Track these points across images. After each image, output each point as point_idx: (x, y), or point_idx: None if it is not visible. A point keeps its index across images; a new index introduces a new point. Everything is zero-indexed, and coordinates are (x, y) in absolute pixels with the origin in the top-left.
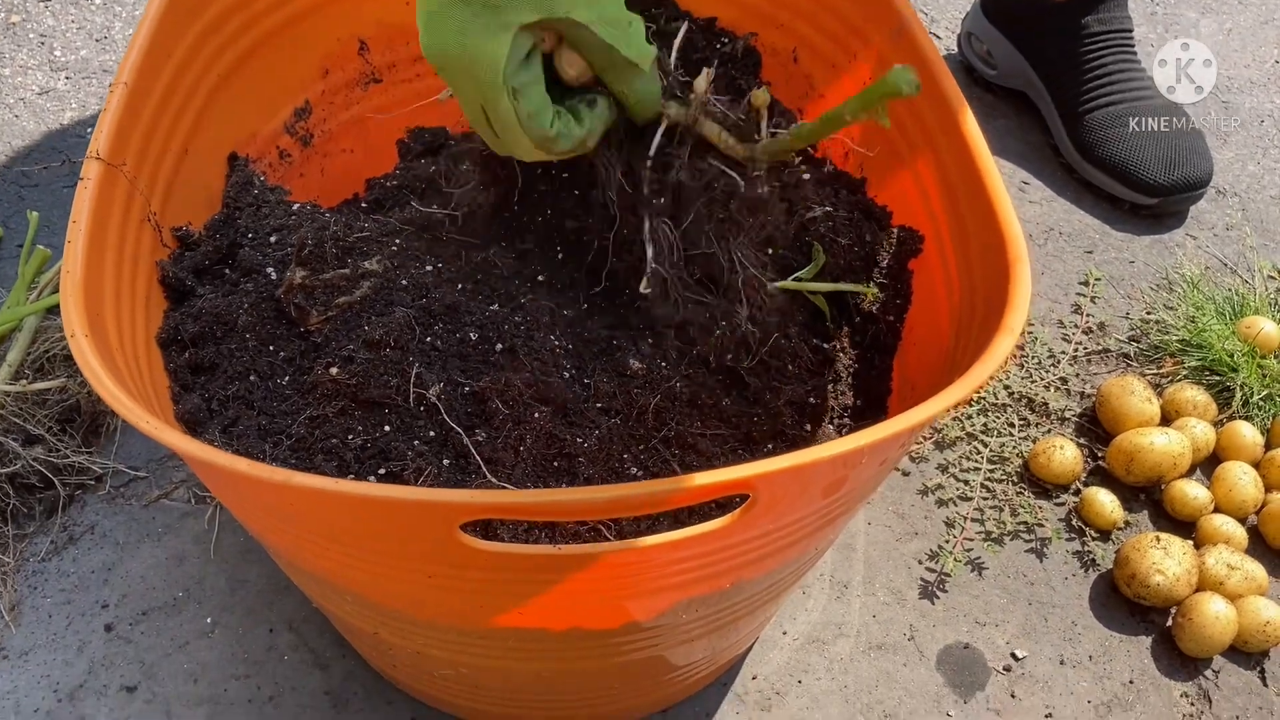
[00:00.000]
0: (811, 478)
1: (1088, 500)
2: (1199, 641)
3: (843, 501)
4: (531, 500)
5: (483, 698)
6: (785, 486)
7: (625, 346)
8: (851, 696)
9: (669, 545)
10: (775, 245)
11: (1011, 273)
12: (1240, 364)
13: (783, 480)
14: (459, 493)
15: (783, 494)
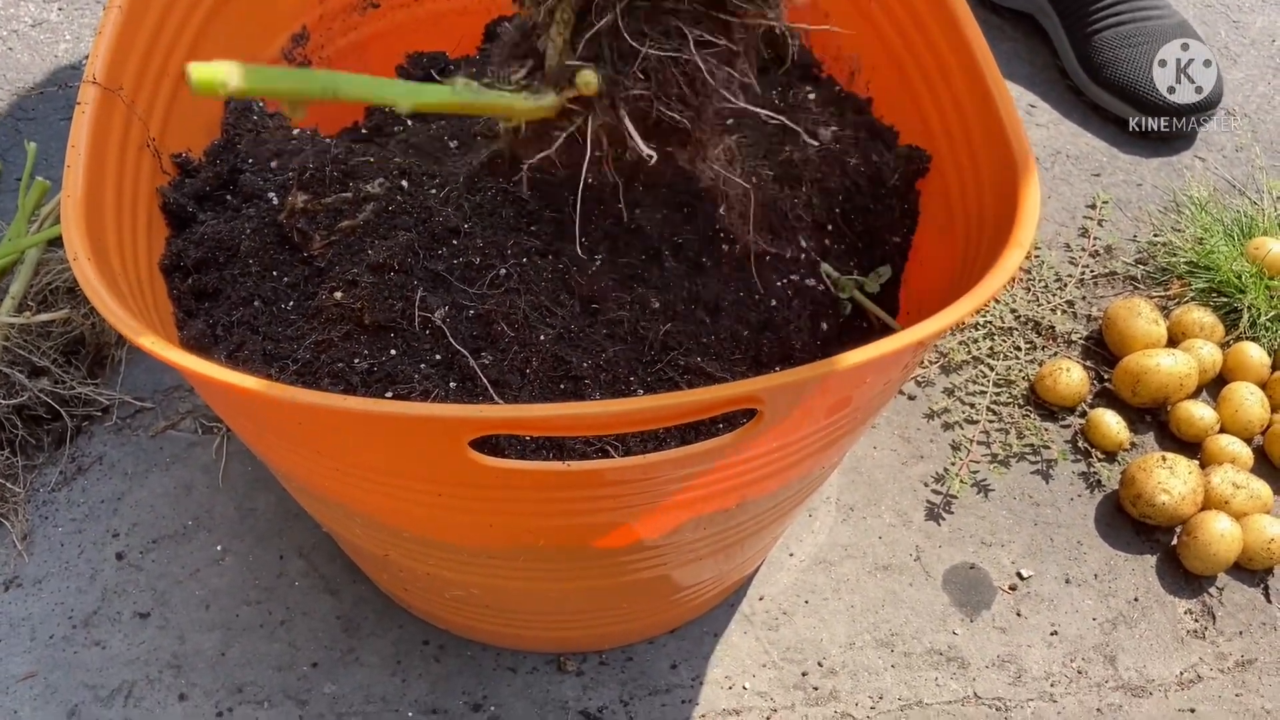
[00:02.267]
0: (818, 392)
1: (1094, 422)
2: (1203, 559)
3: (848, 420)
4: (539, 415)
5: (494, 618)
6: (791, 402)
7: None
8: (858, 616)
9: (675, 461)
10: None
11: (1020, 187)
12: (1248, 285)
13: (789, 394)
14: (466, 408)
15: (788, 410)
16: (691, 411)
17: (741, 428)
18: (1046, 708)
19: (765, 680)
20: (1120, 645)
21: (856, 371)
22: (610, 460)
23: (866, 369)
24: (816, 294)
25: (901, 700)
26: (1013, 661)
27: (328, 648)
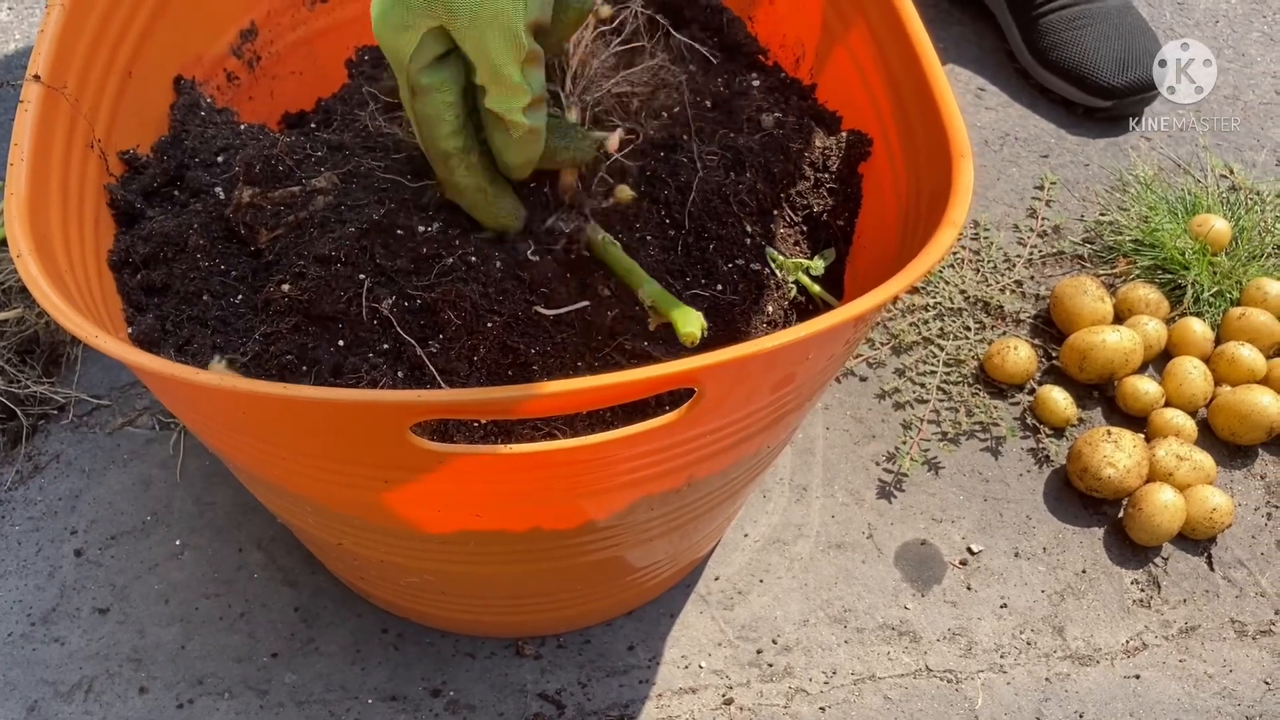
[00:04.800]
0: (756, 370)
1: (1042, 399)
2: (1148, 530)
3: (793, 396)
4: (476, 398)
5: (451, 604)
6: (731, 380)
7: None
8: (812, 593)
9: (619, 442)
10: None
11: (954, 167)
12: (1191, 261)
13: (728, 373)
14: (406, 393)
15: (729, 388)
16: (629, 392)
17: (682, 407)
18: (996, 678)
19: (721, 659)
20: (1068, 616)
21: (793, 348)
22: (551, 442)
23: (803, 345)
24: (763, 278)
25: (855, 674)
26: (963, 634)
27: (287, 638)
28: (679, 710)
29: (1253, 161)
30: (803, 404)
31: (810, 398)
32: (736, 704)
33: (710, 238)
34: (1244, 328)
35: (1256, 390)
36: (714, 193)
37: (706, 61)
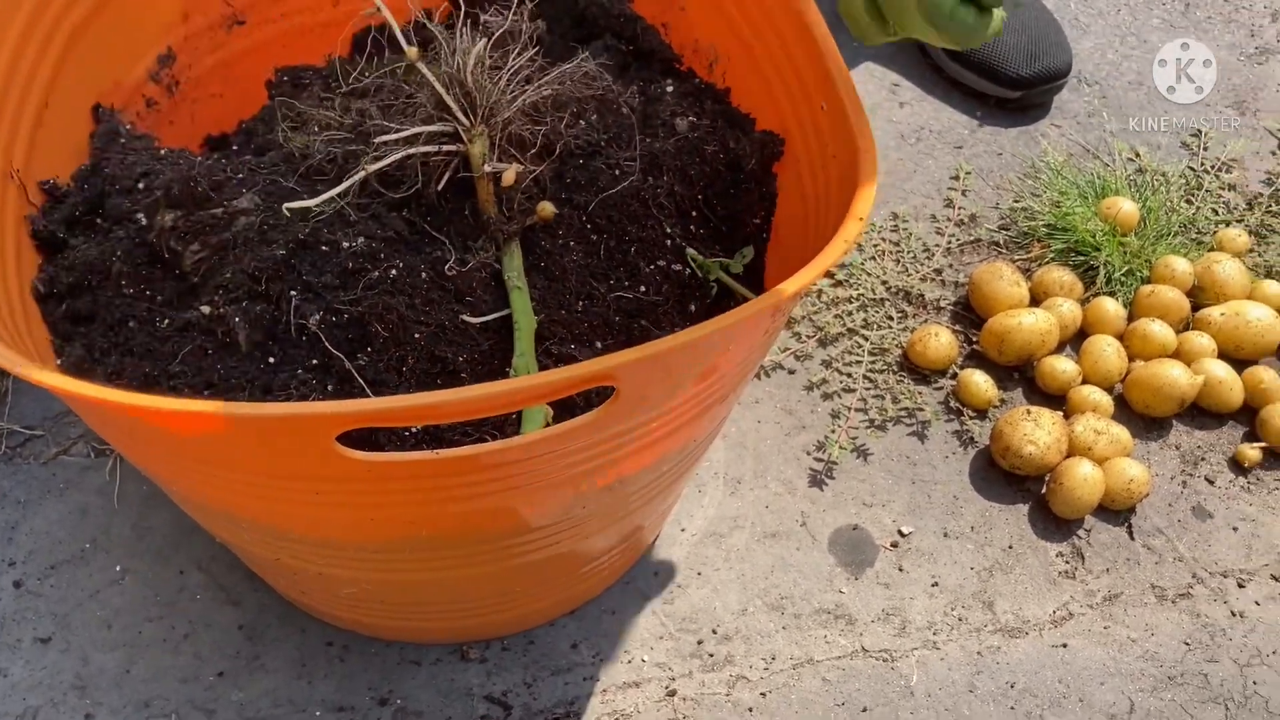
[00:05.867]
0: (674, 364)
1: (963, 382)
2: (1070, 503)
3: (718, 388)
4: (398, 405)
5: (392, 613)
6: (647, 375)
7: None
8: (749, 583)
9: (546, 441)
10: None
11: (859, 163)
12: (1102, 243)
13: (643, 369)
14: (328, 405)
15: (647, 383)
16: (547, 392)
17: (602, 405)
18: (930, 655)
19: (663, 651)
20: (997, 590)
21: (706, 342)
22: (478, 445)
23: (715, 339)
24: (684, 278)
25: (793, 659)
26: (897, 614)
27: (232, 657)
28: (623, 704)
29: (1157, 144)
30: (728, 395)
31: (735, 388)
32: (679, 695)
33: (631, 241)
34: (1154, 304)
35: (1168, 364)
36: (633, 197)
37: (622, 70)
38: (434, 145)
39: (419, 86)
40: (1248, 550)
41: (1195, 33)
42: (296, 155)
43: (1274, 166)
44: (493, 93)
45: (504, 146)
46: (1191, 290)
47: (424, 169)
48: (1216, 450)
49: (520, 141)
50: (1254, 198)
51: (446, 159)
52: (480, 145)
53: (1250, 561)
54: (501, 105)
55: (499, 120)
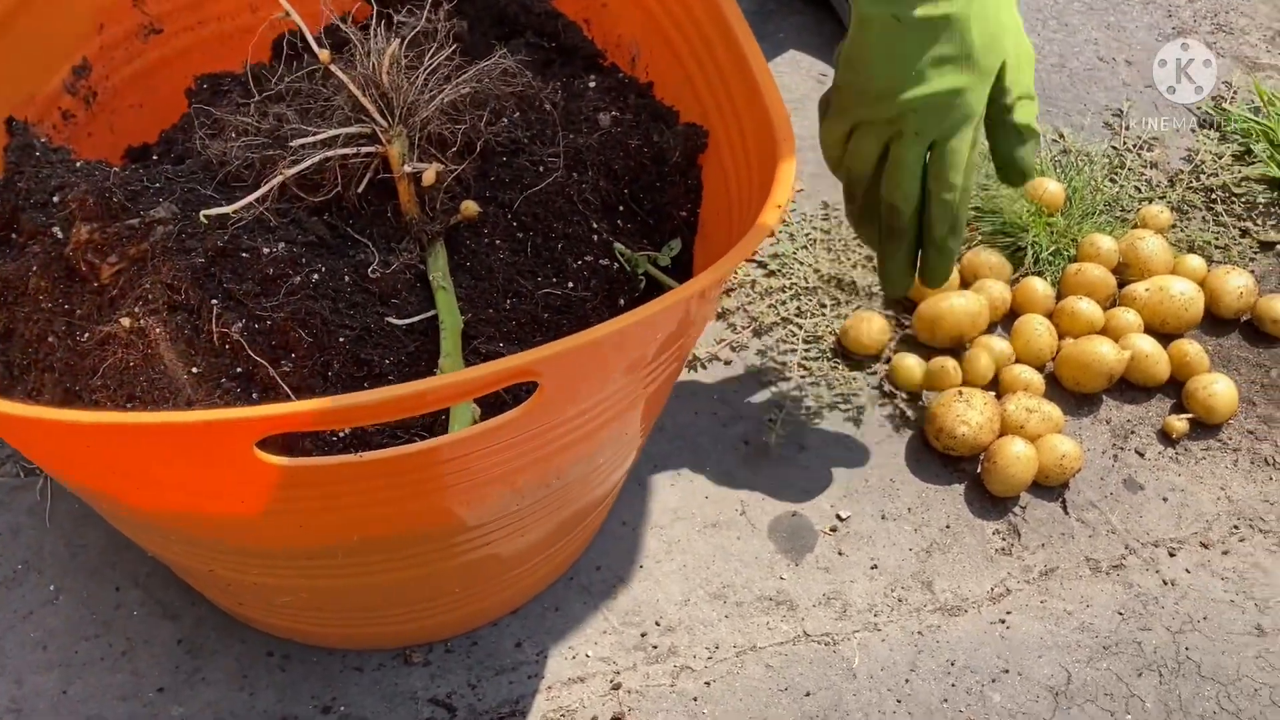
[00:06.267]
0: (594, 357)
1: (897, 366)
2: (1004, 481)
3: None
4: (312, 408)
5: (331, 620)
6: (571, 368)
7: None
8: (691, 573)
9: (466, 441)
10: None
11: (778, 153)
12: (1030, 224)
13: (565, 363)
14: (244, 410)
15: (572, 377)
16: (466, 390)
17: (526, 400)
18: (871, 637)
19: (607, 645)
20: (936, 570)
21: (627, 333)
22: (401, 447)
23: (636, 330)
24: (612, 273)
25: (736, 647)
26: (838, 598)
27: (172, 671)
28: (569, 700)
29: (1080, 125)
30: (661, 385)
31: (668, 379)
32: (624, 688)
33: (558, 237)
34: (1081, 282)
35: (1096, 340)
36: (558, 193)
37: (545, 67)
38: (352, 148)
39: (336, 90)
40: (1177, 519)
41: (1114, 14)
42: (214, 163)
43: (1194, 144)
44: (409, 92)
45: (424, 146)
46: (1117, 267)
47: (344, 172)
48: (1146, 423)
49: (441, 141)
50: (1175, 175)
51: (366, 161)
52: (399, 145)
53: (1180, 530)
54: (419, 105)
55: (417, 120)
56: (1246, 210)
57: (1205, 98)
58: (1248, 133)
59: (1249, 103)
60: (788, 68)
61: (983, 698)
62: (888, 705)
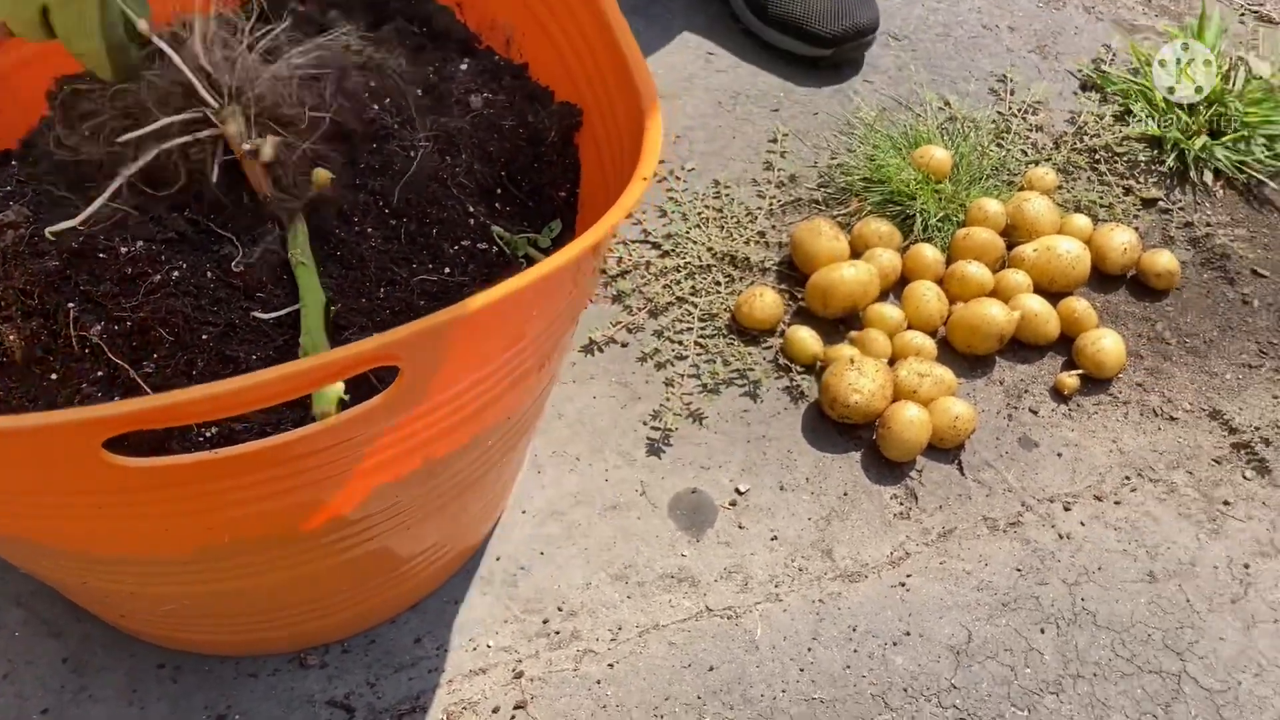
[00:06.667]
0: (457, 337)
1: (790, 339)
2: (899, 446)
3: (526, 358)
4: (155, 404)
5: (219, 626)
6: (435, 350)
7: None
8: (592, 556)
9: (327, 433)
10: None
11: (645, 126)
12: (917, 192)
13: (426, 344)
14: (83, 410)
15: (438, 359)
16: (315, 379)
17: (389, 386)
18: (773, 608)
19: (509, 635)
20: (835, 538)
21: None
22: (257, 441)
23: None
24: (491, 256)
25: (639, 627)
26: (739, 571)
27: (58, 691)
28: (471, 692)
29: (966, 91)
30: (542, 365)
31: (548, 359)
32: (527, 676)
33: (432, 222)
34: (970, 246)
35: (986, 303)
36: (431, 177)
37: (418, 52)
38: (189, 134)
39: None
40: (1072, 474)
41: None
42: (68, 163)
43: (1076, 106)
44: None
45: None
46: (1005, 230)
47: (190, 161)
48: (1038, 381)
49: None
50: (1060, 137)
51: (209, 146)
52: (235, 125)
53: (1074, 485)
54: (249, 82)
55: (250, 96)
56: (1129, 169)
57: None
58: (1127, 93)
59: (1128, 64)
60: (676, 47)
61: (885, 661)
62: (790, 675)
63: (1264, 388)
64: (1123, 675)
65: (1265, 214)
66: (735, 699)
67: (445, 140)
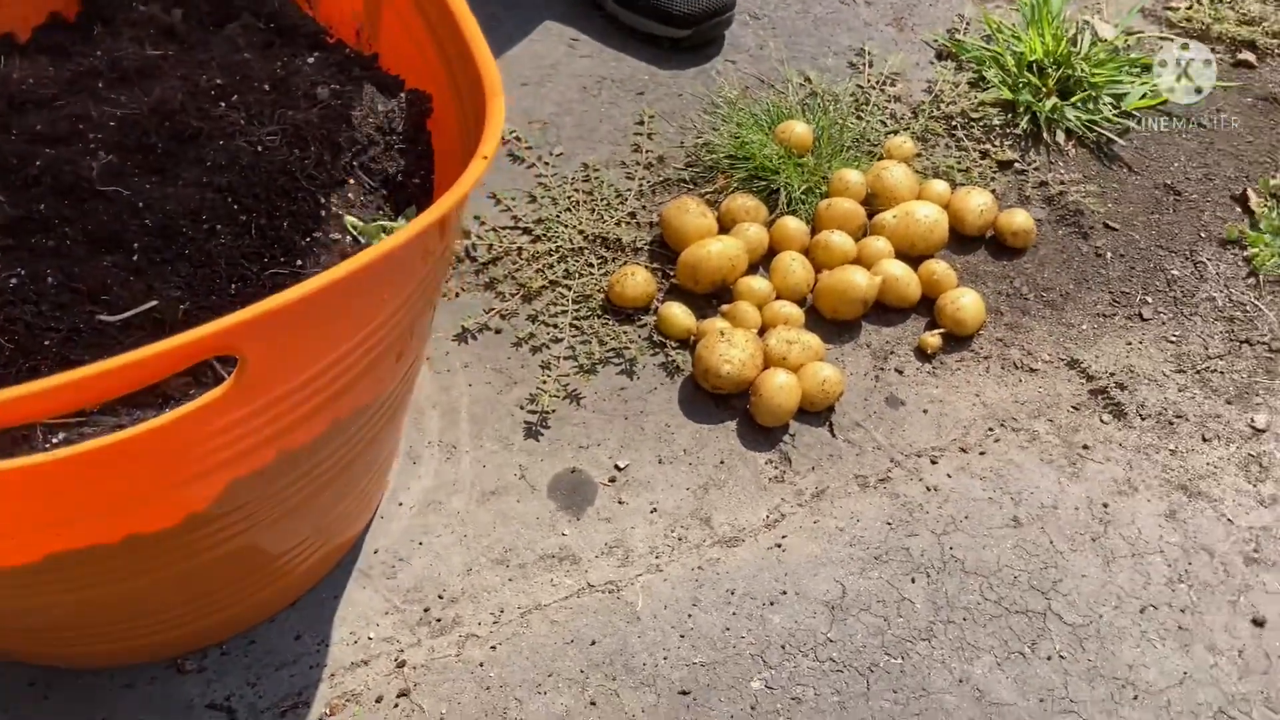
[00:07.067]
0: (300, 321)
1: (663, 316)
2: (771, 412)
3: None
4: None
5: (83, 638)
6: (281, 336)
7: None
8: (472, 543)
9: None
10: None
11: (487, 106)
12: (780, 166)
13: (269, 328)
14: None
15: (284, 346)
16: (148, 372)
17: (229, 377)
18: (654, 579)
19: (390, 625)
20: (713, 506)
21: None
22: (94, 441)
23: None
24: (344, 247)
25: (521, 608)
26: (620, 545)
27: None
28: (353, 684)
29: (825, 66)
30: (401, 351)
31: (405, 344)
32: (410, 664)
33: (283, 216)
34: (833, 216)
35: (849, 270)
36: (280, 171)
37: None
38: None
39: None
40: (937, 429)
41: None
42: None
43: (933, 75)
44: None
45: None
46: (866, 199)
47: None
48: (903, 343)
49: None
50: (917, 106)
51: None
52: None
53: (940, 439)
54: None
55: None
56: (985, 133)
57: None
58: (981, 61)
59: (981, 32)
60: (540, 35)
61: (763, 621)
62: (671, 642)
63: (1118, 335)
64: (991, 618)
65: (1115, 169)
66: (618, 669)
67: (294, 133)
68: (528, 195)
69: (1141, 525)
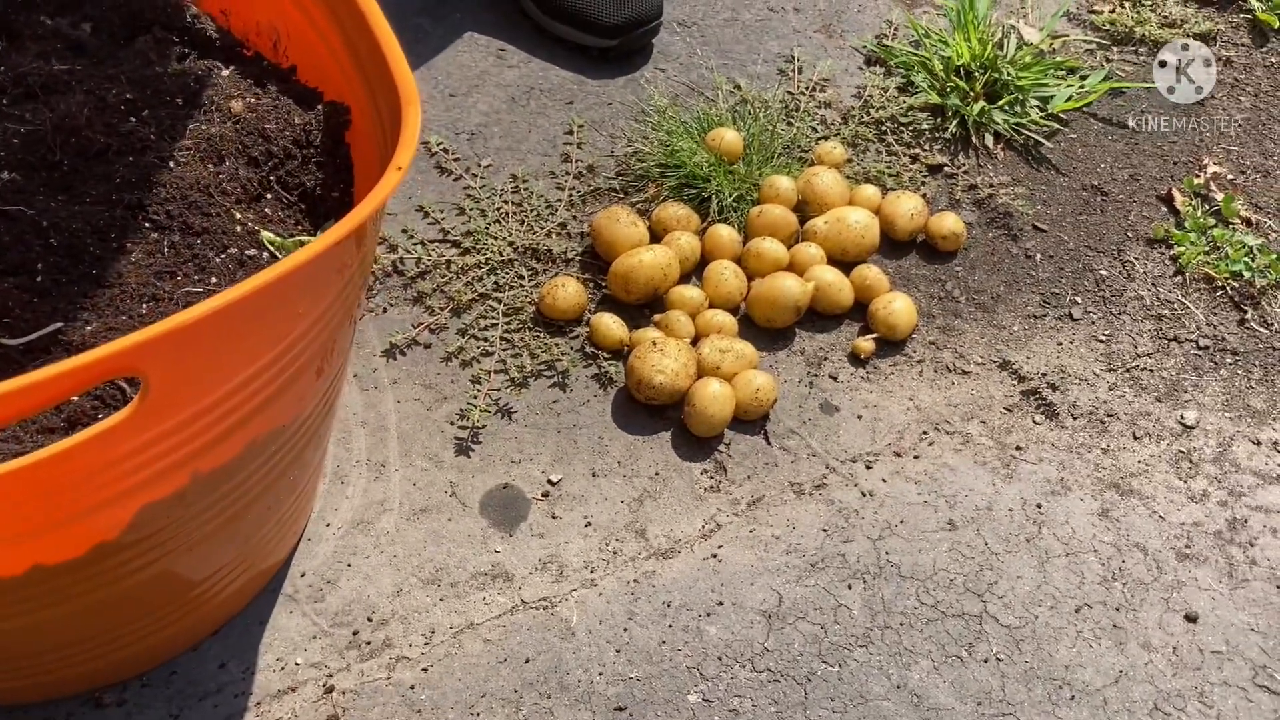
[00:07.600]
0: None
1: (595, 326)
2: (705, 422)
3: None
4: None
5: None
6: (188, 355)
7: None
8: (402, 563)
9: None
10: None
11: (403, 117)
12: (711, 174)
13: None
14: None
15: (192, 366)
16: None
17: (136, 397)
18: (588, 593)
19: (318, 650)
20: (648, 518)
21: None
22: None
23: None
24: (261, 263)
25: (453, 628)
26: (554, 561)
27: None
28: (280, 712)
29: (755, 74)
30: (321, 368)
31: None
32: (338, 689)
33: (196, 232)
34: (765, 224)
35: (782, 277)
36: (192, 186)
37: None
38: None
39: None
40: (872, 434)
41: None
42: None
43: (862, 81)
44: None
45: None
46: (798, 205)
47: None
48: (837, 348)
49: None
50: (847, 112)
51: None
52: None
53: (875, 444)
54: None
55: None
56: (914, 137)
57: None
58: (909, 66)
59: (909, 38)
60: (466, 45)
61: (699, 633)
62: (607, 657)
63: (1049, 336)
64: (928, 622)
65: (1043, 171)
66: (552, 687)
67: (207, 148)
68: (456, 208)
69: (1075, 525)
